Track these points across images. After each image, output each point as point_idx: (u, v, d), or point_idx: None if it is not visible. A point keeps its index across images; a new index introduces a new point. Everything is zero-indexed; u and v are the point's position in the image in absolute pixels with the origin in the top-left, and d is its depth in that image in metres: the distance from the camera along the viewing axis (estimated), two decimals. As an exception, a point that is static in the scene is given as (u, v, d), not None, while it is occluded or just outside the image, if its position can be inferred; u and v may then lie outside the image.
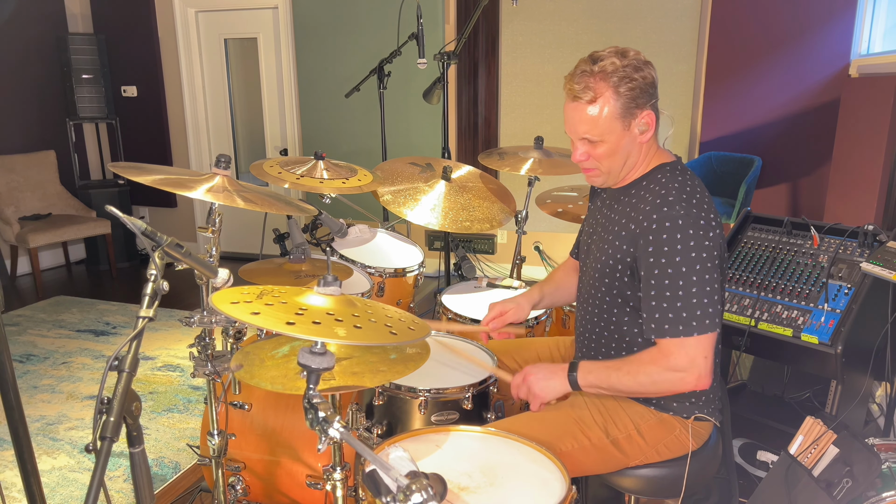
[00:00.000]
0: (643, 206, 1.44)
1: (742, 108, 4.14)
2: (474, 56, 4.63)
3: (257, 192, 1.60)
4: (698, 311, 1.36)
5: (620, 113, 1.42)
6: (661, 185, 1.45)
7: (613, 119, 1.42)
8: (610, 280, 1.51)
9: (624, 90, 1.40)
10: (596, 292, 1.57)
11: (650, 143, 1.50)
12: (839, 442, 1.62)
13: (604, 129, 1.43)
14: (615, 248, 1.49)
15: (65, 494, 2.37)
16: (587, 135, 1.45)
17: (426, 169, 2.57)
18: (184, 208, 5.75)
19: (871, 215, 3.11)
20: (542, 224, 4.33)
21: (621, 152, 1.47)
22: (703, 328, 1.36)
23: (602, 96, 1.41)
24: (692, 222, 1.36)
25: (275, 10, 5.10)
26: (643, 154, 1.50)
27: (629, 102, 1.41)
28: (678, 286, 1.36)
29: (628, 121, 1.43)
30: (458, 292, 2.44)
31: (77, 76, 5.18)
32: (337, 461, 1.37)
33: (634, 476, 1.54)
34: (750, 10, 4.01)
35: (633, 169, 1.52)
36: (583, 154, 1.49)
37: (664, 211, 1.38)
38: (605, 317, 1.56)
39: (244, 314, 1.06)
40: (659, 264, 1.38)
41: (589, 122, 1.43)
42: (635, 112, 1.43)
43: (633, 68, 1.40)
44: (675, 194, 1.41)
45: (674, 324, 1.37)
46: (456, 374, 1.72)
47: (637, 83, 1.40)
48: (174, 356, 3.55)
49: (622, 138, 1.44)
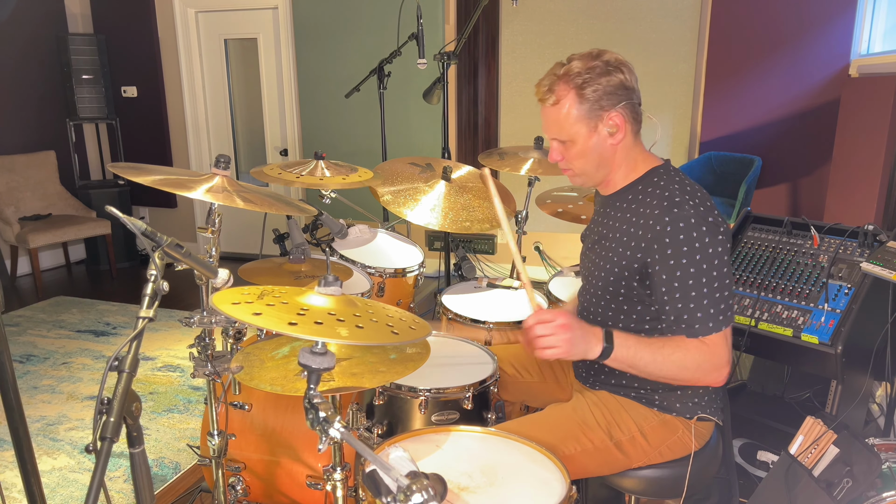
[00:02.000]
0: (648, 209, 1.43)
1: (742, 108, 4.14)
2: (474, 56, 4.63)
3: (257, 193, 1.60)
4: (722, 306, 1.37)
5: (585, 114, 1.43)
6: (660, 188, 1.45)
7: (578, 121, 1.44)
8: (615, 287, 1.50)
9: (588, 92, 1.41)
10: (600, 301, 1.56)
11: (629, 147, 1.49)
12: (839, 442, 1.62)
13: (570, 131, 1.45)
14: (620, 255, 1.48)
15: (65, 495, 2.37)
16: (556, 136, 1.49)
17: (426, 169, 2.57)
18: (184, 209, 5.75)
19: (871, 215, 3.11)
20: (543, 224, 4.33)
21: (591, 153, 1.47)
22: (728, 321, 1.39)
23: (564, 98, 1.44)
24: (703, 220, 1.37)
25: (275, 11, 5.10)
26: (621, 156, 1.49)
27: (594, 105, 1.42)
28: (702, 284, 1.36)
29: (594, 122, 1.44)
30: (459, 292, 2.44)
31: (77, 76, 5.19)
32: (337, 461, 1.37)
33: (636, 477, 1.54)
34: (750, 10, 4.01)
35: (612, 171, 1.51)
36: (557, 154, 1.52)
37: (674, 212, 1.38)
38: (612, 324, 1.54)
39: (245, 314, 1.06)
40: (680, 265, 1.37)
41: (555, 123, 1.47)
42: (601, 114, 1.43)
43: (600, 72, 1.41)
44: (679, 194, 1.41)
45: (703, 322, 1.37)
46: (456, 374, 1.72)
47: (601, 86, 1.41)
48: (174, 356, 3.55)
49: (589, 139, 1.46)
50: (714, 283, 1.36)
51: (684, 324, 1.39)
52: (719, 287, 1.37)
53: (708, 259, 1.36)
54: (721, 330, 1.38)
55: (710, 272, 1.36)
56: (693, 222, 1.36)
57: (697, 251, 1.36)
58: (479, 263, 4.92)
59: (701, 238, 1.36)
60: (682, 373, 1.40)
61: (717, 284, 1.36)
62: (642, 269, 1.44)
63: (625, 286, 1.49)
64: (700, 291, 1.36)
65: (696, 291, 1.36)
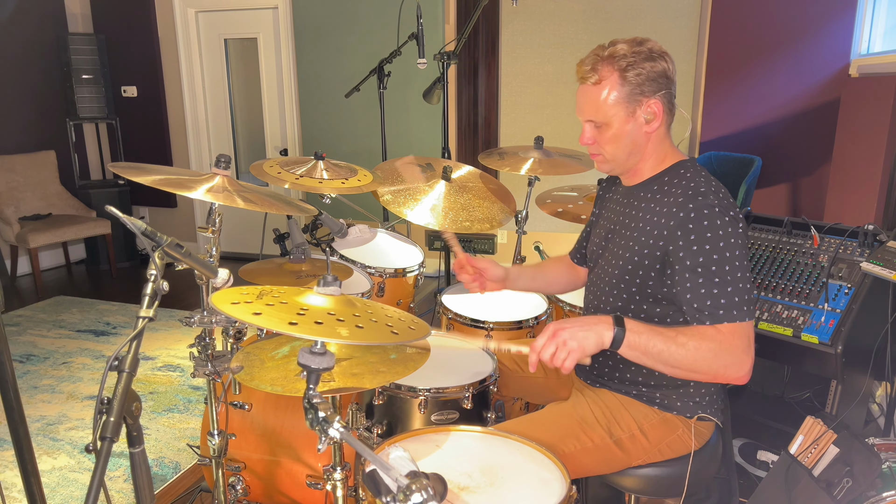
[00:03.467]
0: (673, 199, 1.43)
1: (742, 108, 4.14)
2: (474, 56, 4.63)
3: (257, 192, 1.60)
4: (746, 296, 1.34)
5: (625, 98, 1.42)
6: (687, 180, 1.45)
7: (617, 103, 1.43)
8: (632, 276, 1.49)
9: (631, 76, 1.40)
10: (615, 290, 1.54)
11: (662, 138, 1.49)
12: (839, 442, 1.62)
13: (608, 113, 1.44)
14: (642, 244, 1.47)
15: (65, 495, 2.37)
16: (592, 117, 1.47)
17: (426, 169, 2.57)
18: (184, 208, 5.75)
19: (871, 215, 3.11)
20: (543, 224, 4.34)
21: (625, 139, 1.46)
22: (751, 313, 1.35)
23: (607, 79, 1.42)
24: (725, 212, 1.36)
25: (275, 10, 5.10)
26: (652, 146, 1.49)
27: (635, 89, 1.41)
28: (726, 272, 1.34)
29: (633, 107, 1.43)
30: (459, 292, 2.44)
31: (77, 76, 5.19)
32: (337, 461, 1.37)
33: (636, 476, 1.54)
34: (750, 10, 4.01)
35: (641, 160, 1.51)
36: (589, 137, 1.50)
37: (699, 200, 1.37)
38: (627, 315, 1.52)
39: (245, 314, 1.06)
40: (704, 251, 1.35)
41: (593, 104, 1.45)
42: (640, 100, 1.42)
43: (645, 56, 1.40)
44: (705, 187, 1.41)
45: (728, 309, 1.33)
46: (456, 374, 1.72)
47: (645, 70, 1.40)
48: (174, 356, 3.55)
49: (626, 124, 1.45)
50: (737, 272, 1.34)
51: (707, 310, 1.34)
52: (742, 278, 1.34)
53: (731, 248, 1.34)
54: (744, 320, 1.33)
55: (734, 261, 1.34)
56: (717, 211, 1.36)
57: (721, 238, 1.34)
58: (479, 263, 4.92)
59: (724, 227, 1.35)
60: (699, 363, 1.32)
61: (740, 274, 1.34)
62: (664, 257, 1.42)
63: (641, 277, 1.47)
64: (724, 277, 1.34)
65: (720, 277, 1.34)
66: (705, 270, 1.35)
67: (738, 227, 1.37)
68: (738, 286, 1.34)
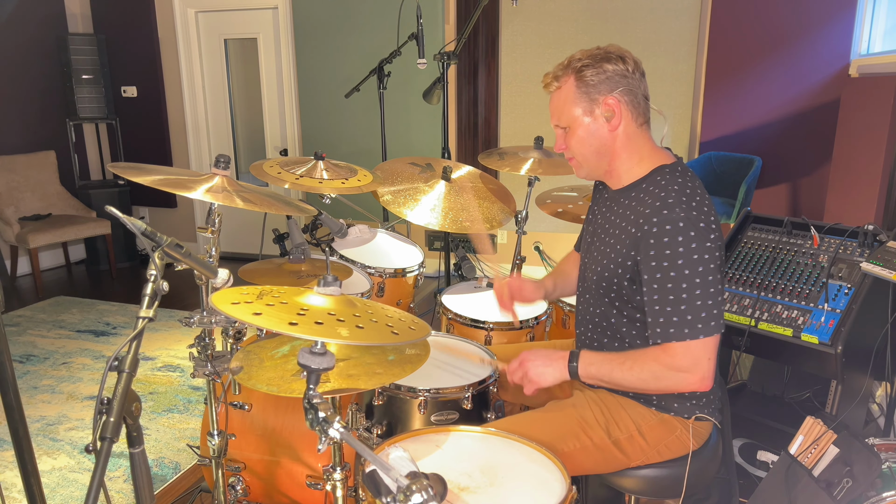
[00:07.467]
0: (642, 208, 1.44)
1: (742, 108, 4.14)
2: (474, 56, 4.63)
3: (257, 193, 1.60)
4: (703, 314, 1.35)
5: (583, 97, 1.46)
6: (660, 188, 1.45)
7: (576, 104, 1.47)
8: (608, 284, 1.51)
9: (587, 75, 1.44)
10: (595, 293, 1.57)
11: (631, 137, 1.49)
12: (839, 442, 1.62)
13: (570, 115, 1.48)
14: (616, 252, 1.48)
15: (65, 495, 2.37)
16: (558, 122, 1.53)
17: (426, 169, 2.57)
18: (184, 208, 5.75)
19: (871, 215, 3.11)
20: (543, 224, 4.34)
21: (590, 139, 1.49)
22: (707, 330, 1.36)
23: (566, 83, 1.48)
24: (692, 225, 1.36)
25: (275, 10, 5.10)
26: (621, 146, 1.49)
27: (591, 89, 1.45)
28: (682, 289, 1.36)
29: (591, 106, 1.46)
30: (458, 292, 2.44)
31: (77, 76, 5.18)
32: (337, 461, 1.37)
33: (635, 476, 1.54)
34: (750, 10, 4.01)
35: (613, 161, 1.52)
36: (560, 143, 1.55)
37: (664, 214, 1.37)
38: (605, 319, 1.56)
39: (245, 314, 1.06)
40: (662, 268, 1.37)
41: (557, 109, 1.51)
42: (597, 98, 1.45)
43: (601, 58, 1.45)
44: (675, 196, 1.40)
45: (679, 327, 1.36)
46: (456, 374, 1.72)
47: (599, 70, 1.44)
48: (174, 356, 3.55)
49: (588, 124, 1.48)
50: (696, 289, 1.35)
51: (659, 327, 1.39)
52: (701, 295, 1.35)
53: (691, 265, 1.35)
54: (697, 338, 1.35)
55: (693, 278, 1.35)
56: (681, 226, 1.35)
57: (681, 256, 1.35)
58: (479, 263, 4.92)
59: (686, 244, 1.35)
60: (647, 385, 1.43)
61: (700, 292, 1.35)
62: (633, 267, 1.44)
63: (616, 284, 1.49)
64: (678, 296, 1.36)
65: (675, 295, 1.36)
66: (661, 288, 1.37)
67: (707, 241, 1.36)
68: (696, 304, 1.35)
